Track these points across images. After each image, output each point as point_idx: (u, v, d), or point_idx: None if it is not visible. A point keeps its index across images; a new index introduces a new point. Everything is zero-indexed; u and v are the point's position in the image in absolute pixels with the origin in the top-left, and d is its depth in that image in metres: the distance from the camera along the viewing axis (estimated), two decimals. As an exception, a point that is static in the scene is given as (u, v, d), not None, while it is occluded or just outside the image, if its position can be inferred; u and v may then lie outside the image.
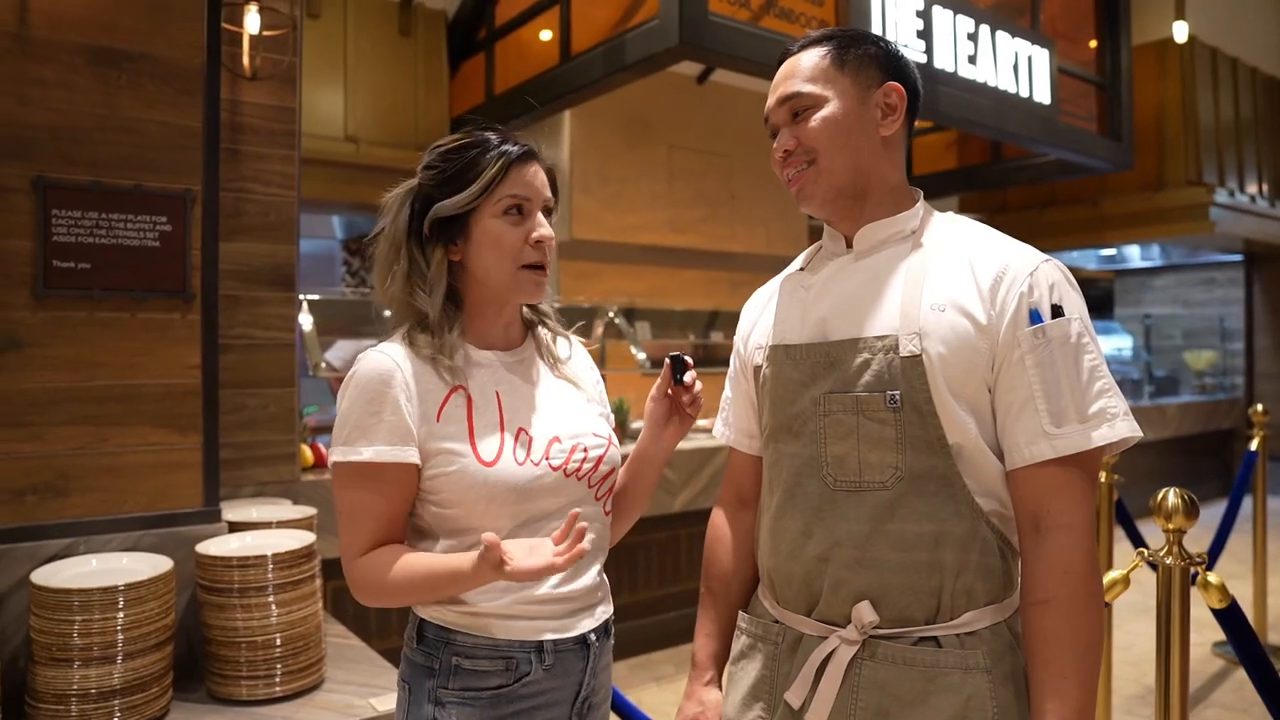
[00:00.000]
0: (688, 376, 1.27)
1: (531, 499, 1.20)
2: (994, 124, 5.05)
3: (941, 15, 4.75)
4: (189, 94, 2.03)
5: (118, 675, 1.72)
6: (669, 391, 1.30)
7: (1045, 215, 7.54)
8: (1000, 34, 5.09)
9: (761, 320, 1.29)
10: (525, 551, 1.09)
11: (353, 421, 1.17)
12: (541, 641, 1.21)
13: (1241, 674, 3.84)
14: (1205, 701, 3.57)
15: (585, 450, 1.26)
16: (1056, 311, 1.06)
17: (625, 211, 5.85)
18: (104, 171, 1.95)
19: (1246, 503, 4.43)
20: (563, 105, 4.75)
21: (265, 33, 2.50)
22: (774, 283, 1.34)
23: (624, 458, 1.38)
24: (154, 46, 2.00)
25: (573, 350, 1.39)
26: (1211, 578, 1.52)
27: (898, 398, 1.06)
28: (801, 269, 1.27)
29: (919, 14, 4.64)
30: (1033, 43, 5.34)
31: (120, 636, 1.73)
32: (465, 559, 1.12)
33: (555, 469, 1.22)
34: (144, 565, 1.87)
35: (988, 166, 6.79)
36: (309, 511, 2.30)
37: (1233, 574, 4.86)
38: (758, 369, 1.25)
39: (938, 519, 1.06)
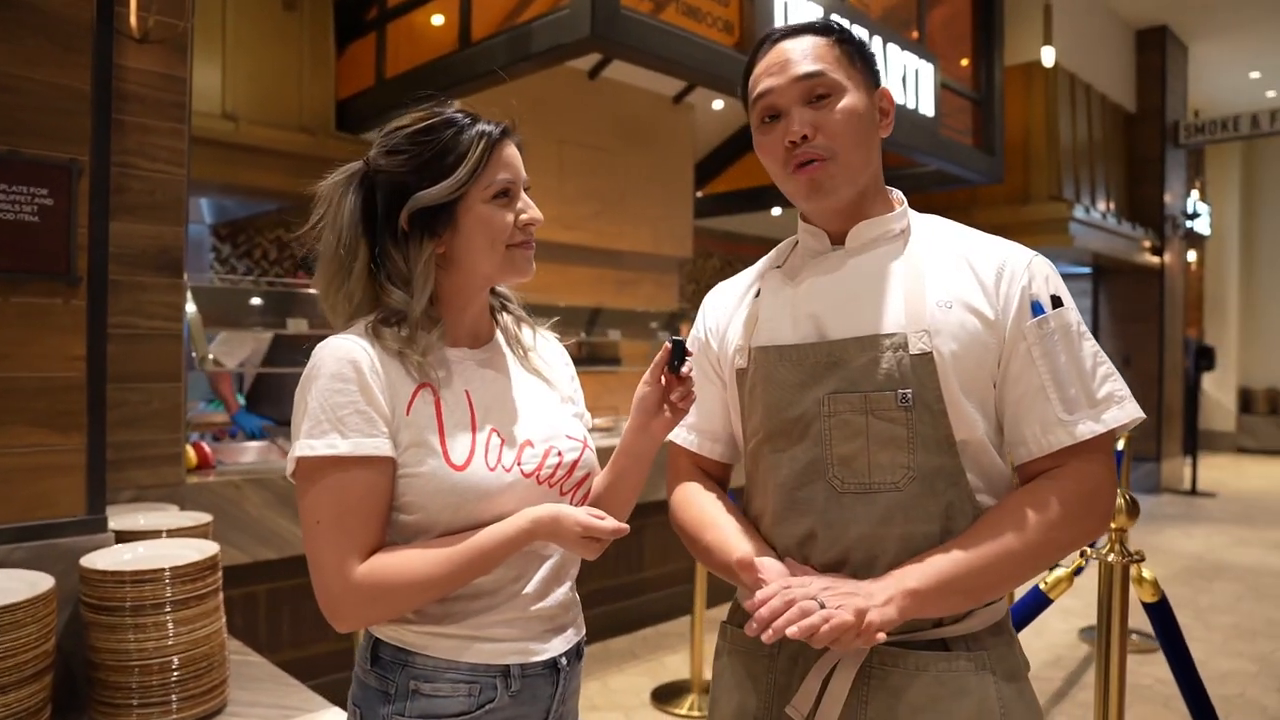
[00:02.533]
0: (685, 366, 1.15)
1: (500, 507, 1.10)
2: (884, 133, 5.21)
3: (824, 20, 4.86)
4: (75, 52, 1.81)
5: (-12, 711, 1.51)
6: (662, 379, 1.18)
7: (921, 224, 7.86)
8: (891, 46, 5.26)
9: (736, 319, 1.24)
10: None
11: (325, 411, 1.04)
12: (508, 665, 1.11)
13: (1107, 658, 4.12)
14: (1079, 684, 3.79)
15: (560, 455, 1.17)
16: (1056, 302, 1.08)
17: (514, 205, 5.69)
18: (-30, 134, 1.71)
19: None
20: (460, 93, 4.58)
21: (157, -9, 2.26)
22: (742, 280, 1.30)
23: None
24: (32, -4, 1.77)
25: (538, 341, 1.30)
26: (1145, 573, 1.58)
27: (909, 396, 1.04)
28: (778, 267, 1.24)
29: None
30: (919, 56, 5.55)
31: (-9, 667, 1.51)
32: (513, 526, 1.06)
33: (527, 475, 1.13)
34: (19, 583, 1.64)
35: (869, 174, 7.02)
36: (204, 518, 2.10)
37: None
38: (741, 371, 1.20)
39: (946, 519, 1.05)
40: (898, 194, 1.21)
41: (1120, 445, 4.39)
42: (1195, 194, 10.15)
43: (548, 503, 1.11)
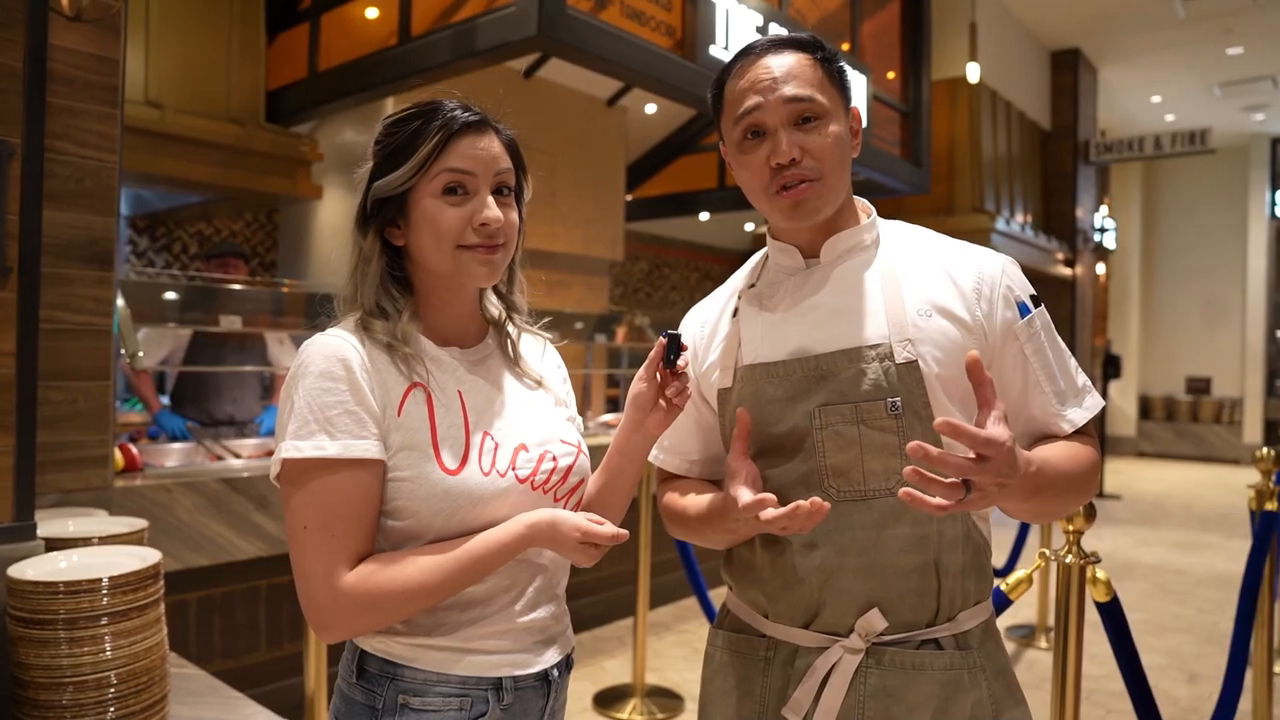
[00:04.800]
0: (681, 360, 1.11)
1: (494, 513, 1.06)
2: (819, 142, 5.30)
3: (776, 33, 4.93)
4: (6, 27, 1.70)
5: (-92, 733, 1.40)
6: (658, 374, 1.14)
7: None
8: (827, 57, 5.36)
9: (715, 340, 1.24)
10: None
11: (312, 411, 0.99)
12: (500, 678, 1.08)
13: (1032, 654, 4.26)
14: (1006, 682, 3.91)
15: (554, 459, 1.13)
16: (1035, 301, 1.13)
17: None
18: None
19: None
20: (397, 89, 4.48)
21: (91, -32, 2.14)
22: (718, 300, 1.30)
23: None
24: (-43, -35, 1.65)
25: (531, 344, 1.26)
26: (1100, 574, 1.64)
27: (899, 404, 1.05)
28: (752, 286, 1.24)
29: (758, 29, 4.79)
30: (851, 67, 5.67)
31: (-88, 685, 1.40)
32: (508, 532, 1.03)
33: (521, 481, 1.09)
34: (-60, 595, 1.53)
35: (800, 182, 7.15)
36: (138, 524, 1.99)
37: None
38: (724, 391, 1.20)
39: (936, 521, 1.06)
40: (865, 203, 1.23)
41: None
42: (1104, 209, 10.64)
43: (543, 508, 1.08)
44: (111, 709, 1.63)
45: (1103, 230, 10.46)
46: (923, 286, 1.12)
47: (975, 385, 0.92)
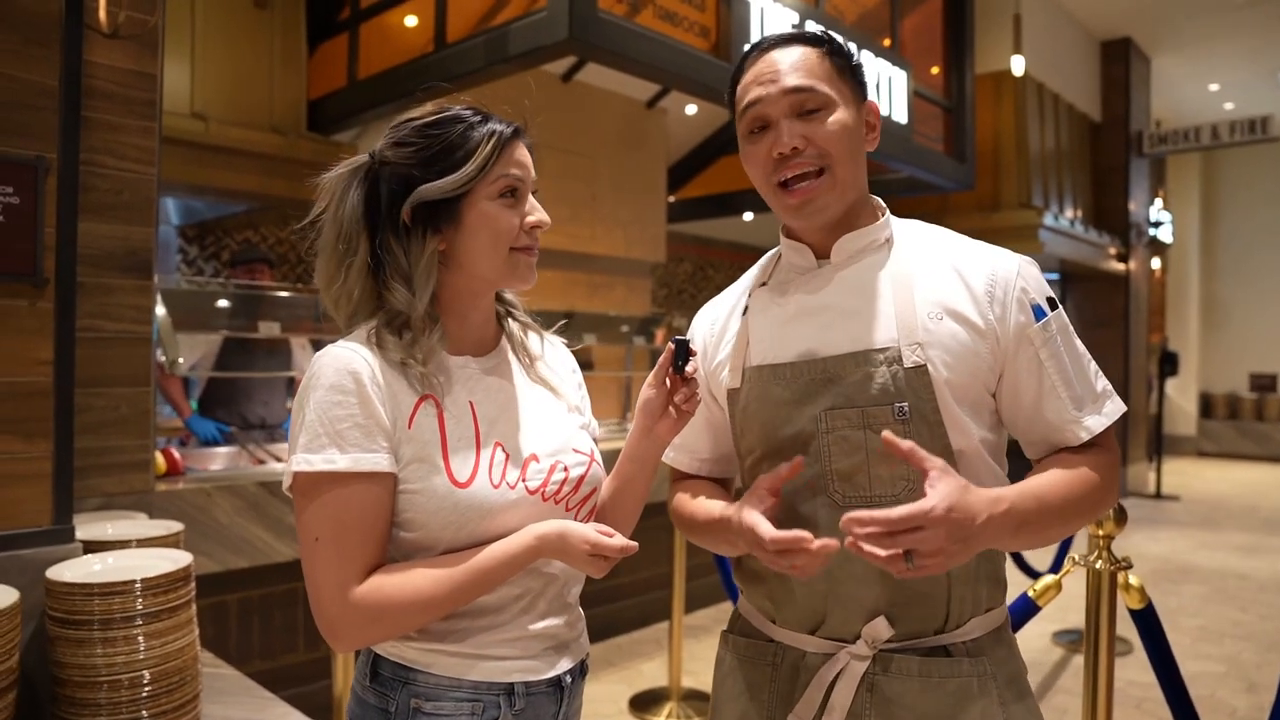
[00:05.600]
0: (689, 366, 1.11)
1: (504, 525, 1.06)
2: (858, 139, 5.24)
3: (815, 31, 4.88)
4: (42, 45, 1.75)
5: (-51, 730, 1.45)
6: (666, 380, 1.14)
7: (893, 230, 7.95)
8: (865, 53, 5.29)
9: (725, 339, 1.23)
10: None
11: (323, 424, 1.00)
12: (512, 684, 1.08)
13: (1079, 660, 4.15)
14: (1054, 688, 3.82)
15: (566, 470, 1.13)
16: (1052, 304, 1.10)
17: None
18: (-69, 130, 1.64)
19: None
20: (434, 95, 4.53)
21: (128, -14, 2.20)
22: (729, 299, 1.28)
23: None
24: (-4, -13, 1.71)
25: (544, 348, 1.26)
26: (1132, 580, 1.58)
27: (906, 409, 1.03)
28: (764, 284, 1.22)
29: (794, 27, 4.74)
30: (892, 63, 5.59)
31: (-47, 683, 1.45)
32: (518, 544, 1.03)
33: (532, 492, 1.09)
34: (-19, 596, 1.58)
35: (841, 180, 7.06)
36: (175, 527, 2.04)
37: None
38: (733, 391, 1.18)
39: None
40: (879, 202, 1.20)
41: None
42: (1159, 202, 10.34)
43: (553, 519, 1.08)
44: (145, 707, 1.67)
45: (1157, 224, 10.16)
46: (934, 288, 1.09)
47: (901, 458, 0.92)
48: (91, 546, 1.86)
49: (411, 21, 4.58)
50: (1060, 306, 1.10)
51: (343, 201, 1.09)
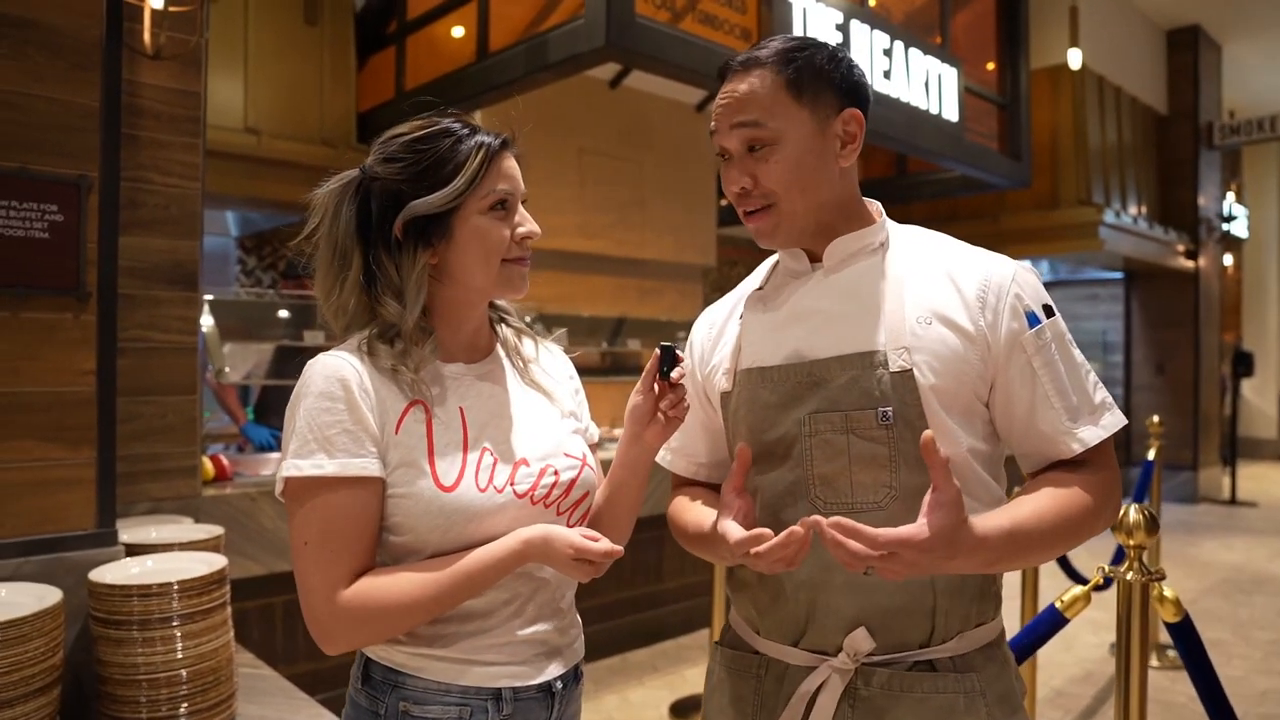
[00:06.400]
0: (675, 372, 1.10)
1: (492, 528, 1.07)
2: (906, 138, 5.16)
3: (859, 30, 4.83)
4: (84, 69, 1.82)
5: (-6, 725, 1.52)
6: (654, 387, 1.13)
7: (949, 229, 7.70)
8: (913, 51, 5.21)
9: (721, 342, 1.23)
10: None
11: (312, 431, 1.03)
12: (500, 689, 1.09)
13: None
14: (1110, 701, 3.69)
15: (556, 474, 1.14)
16: (1048, 311, 1.07)
17: (535, 215, 5.66)
18: (-19, 152, 1.72)
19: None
20: (478, 105, 4.60)
21: (170, 8, 2.29)
22: (728, 302, 1.28)
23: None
24: (42, 13, 1.78)
25: (540, 353, 1.27)
26: (1167, 592, 1.53)
27: (890, 414, 1.02)
28: (760, 288, 1.21)
29: (838, 27, 4.69)
30: (942, 61, 5.49)
31: (-2, 680, 1.52)
32: (503, 548, 1.04)
33: (520, 496, 1.10)
34: (27, 597, 1.65)
35: (892, 180, 6.96)
36: (215, 531, 2.10)
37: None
38: (725, 394, 1.18)
39: None
40: (876, 205, 1.18)
41: (1150, 454, 4.31)
42: (1231, 196, 9.93)
43: (541, 523, 1.09)
44: (183, 705, 1.72)
45: (1230, 219, 9.76)
46: (925, 293, 1.07)
47: (929, 465, 0.90)
48: (135, 549, 1.93)
49: (458, 32, 4.65)
50: (1055, 314, 1.07)
51: (336, 218, 1.11)
